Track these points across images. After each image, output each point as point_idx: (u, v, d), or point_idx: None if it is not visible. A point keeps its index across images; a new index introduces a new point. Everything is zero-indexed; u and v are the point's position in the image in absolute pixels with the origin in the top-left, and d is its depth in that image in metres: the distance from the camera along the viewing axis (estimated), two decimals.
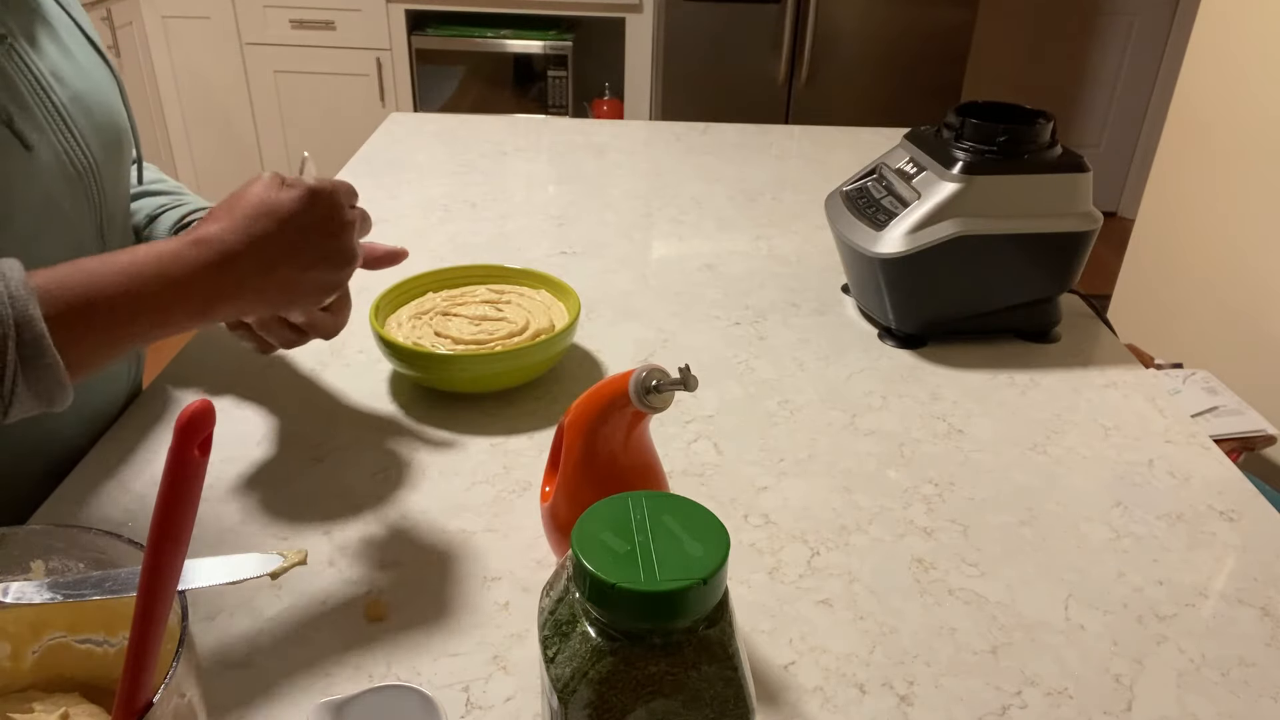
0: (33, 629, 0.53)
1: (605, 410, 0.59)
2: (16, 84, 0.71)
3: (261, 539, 0.71)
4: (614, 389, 0.58)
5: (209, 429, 0.40)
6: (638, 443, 0.61)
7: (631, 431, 0.60)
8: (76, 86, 0.77)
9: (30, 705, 0.50)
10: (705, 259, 1.21)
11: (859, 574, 0.70)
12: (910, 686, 0.61)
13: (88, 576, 0.49)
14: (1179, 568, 0.72)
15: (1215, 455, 0.86)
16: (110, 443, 0.82)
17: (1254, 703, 0.61)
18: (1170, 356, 1.95)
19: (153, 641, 0.41)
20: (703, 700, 0.42)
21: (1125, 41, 3.63)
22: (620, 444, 0.60)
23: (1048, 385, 0.96)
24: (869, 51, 2.85)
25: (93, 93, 0.78)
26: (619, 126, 1.79)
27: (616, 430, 0.59)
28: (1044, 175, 0.96)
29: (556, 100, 3.12)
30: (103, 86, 0.80)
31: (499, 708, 0.59)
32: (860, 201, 1.05)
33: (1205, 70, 2.00)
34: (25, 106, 0.71)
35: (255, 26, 2.96)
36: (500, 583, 0.68)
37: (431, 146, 1.59)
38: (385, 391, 0.90)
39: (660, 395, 0.56)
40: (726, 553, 0.42)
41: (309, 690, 0.59)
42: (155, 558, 0.41)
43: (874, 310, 1.05)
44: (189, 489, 0.41)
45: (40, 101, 0.73)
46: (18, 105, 0.70)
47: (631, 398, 0.57)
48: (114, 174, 0.81)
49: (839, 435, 0.87)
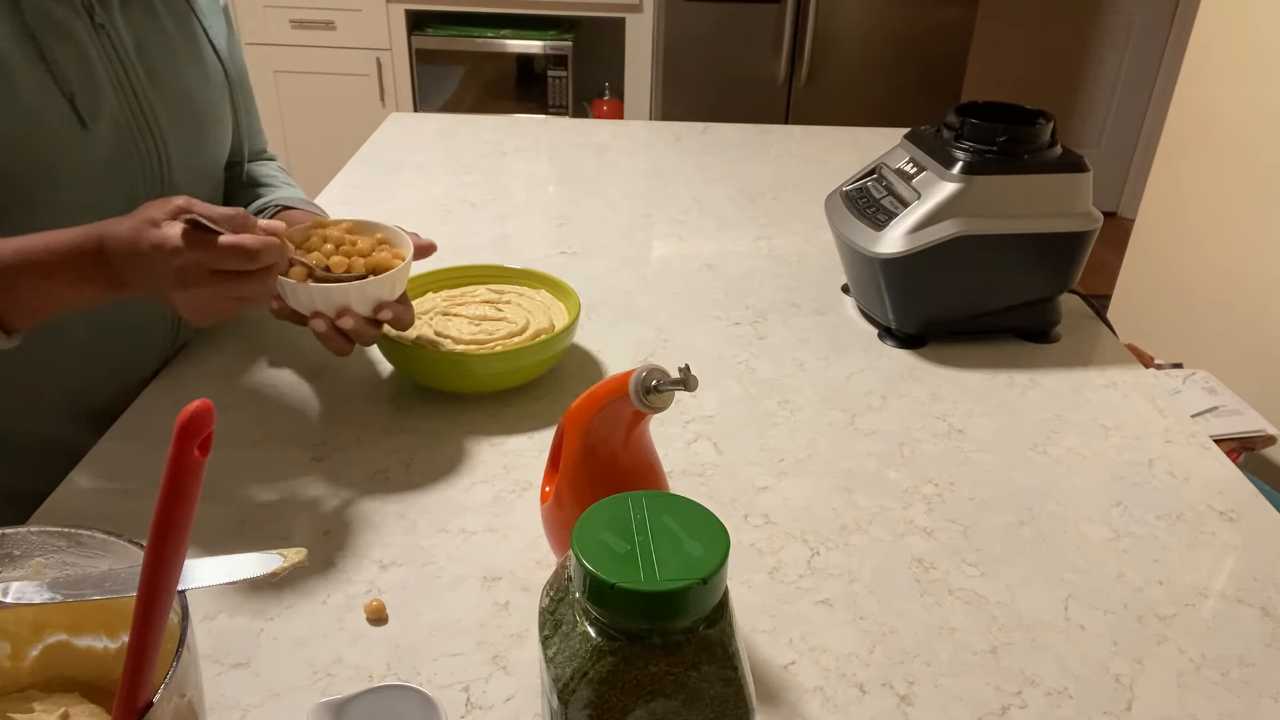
0: (33, 629, 0.53)
1: (605, 410, 0.59)
2: (95, 64, 0.78)
3: (261, 539, 0.71)
4: (614, 389, 0.58)
5: (209, 429, 0.40)
6: (638, 442, 0.61)
7: (631, 431, 0.59)
8: (155, 60, 0.83)
9: (30, 705, 0.50)
10: (705, 259, 1.21)
11: (859, 574, 0.70)
12: (910, 686, 0.61)
13: (87, 576, 0.49)
14: (1179, 568, 0.72)
15: (1215, 455, 0.86)
16: (110, 442, 0.82)
17: (1254, 703, 0.61)
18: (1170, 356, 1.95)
19: (153, 641, 0.41)
20: (703, 700, 0.42)
21: (1125, 41, 3.63)
22: (620, 444, 0.60)
23: (1048, 385, 0.96)
24: (869, 51, 2.85)
25: (174, 74, 0.85)
26: (619, 126, 1.79)
27: (616, 430, 0.59)
28: (1044, 175, 0.96)
29: (556, 100, 3.12)
30: (189, 69, 0.87)
31: (499, 708, 0.59)
32: (860, 201, 1.05)
33: (1205, 70, 2.00)
34: (96, 83, 0.78)
35: (255, 26, 2.96)
36: (500, 583, 0.68)
37: (431, 146, 1.59)
38: (385, 391, 0.90)
39: (660, 395, 0.56)
40: (726, 553, 0.42)
41: (309, 690, 0.59)
42: (155, 557, 0.41)
43: (874, 310, 1.05)
44: (188, 489, 0.41)
45: (115, 76, 0.80)
46: (88, 83, 0.77)
47: (631, 398, 0.57)
48: (186, 151, 0.86)
49: (839, 435, 0.87)
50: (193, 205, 0.69)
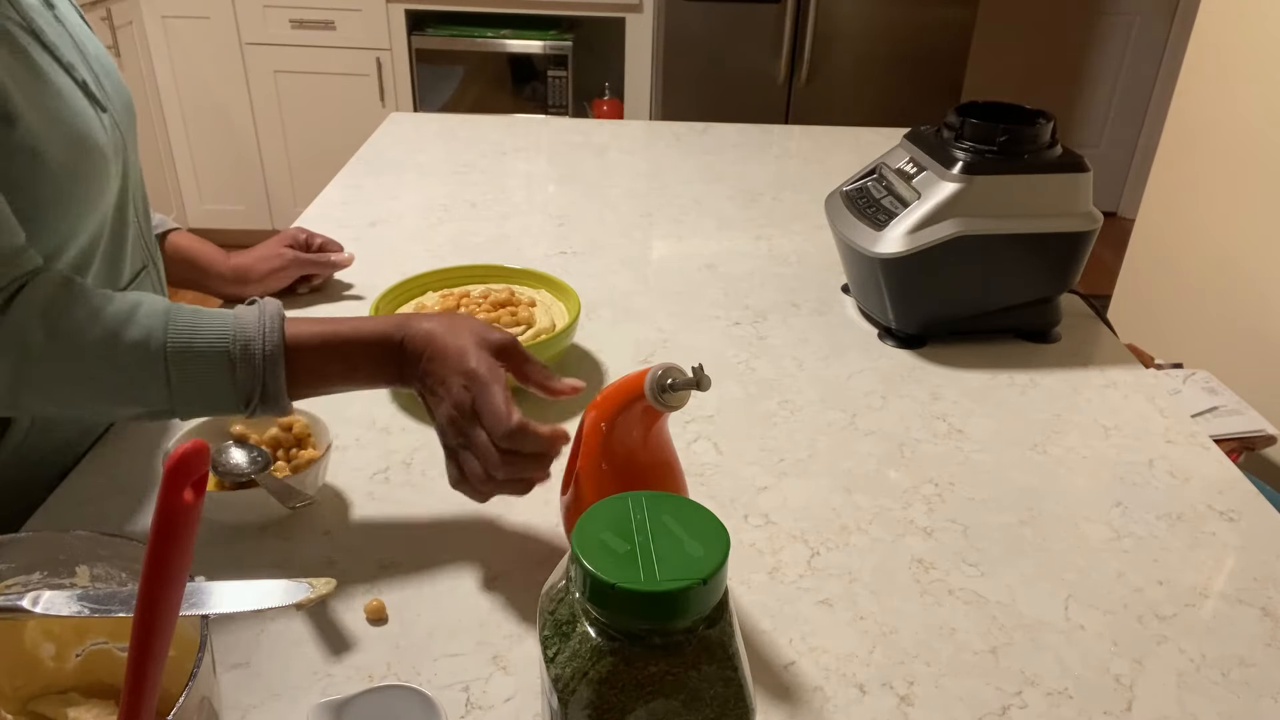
0: (76, 632, 0.53)
1: (624, 407, 0.60)
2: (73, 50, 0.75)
3: (261, 538, 0.71)
4: (632, 386, 0.59)
5: (202, 470, 0.37)
6: (656, 439, 0.62)
7: (649, 429, 0.60)
8: (96, 53, 0.80)
9: (65, 710, 0.51)
10: (705, 259, 1.21)
11: (859, 574, 0.70)
12: (910, 686, 0.61)
13: (116, 593, 0.50)
14: (1179, 568, 0.72)
15: (1215, 455, 0.86)
16: (110, 442, 0.82)
17: (1254, 703, 0.61)
18: (1170, 356, 1.95)
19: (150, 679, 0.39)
20: (703, 700, 0.42)
21: (1125, 41, 3.63)
22: (639, 441, 0.61)
23: (1048, 385, 0.96)
24: (869, 51, 2.85)
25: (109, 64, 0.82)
26: (619, 126, 1.79)
27: (634, 427, 0.60)
28: (1044, 175, 0.96)
29: (556, 100, 3.12)
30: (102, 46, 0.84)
31: (499, 708, 0.59)
32: (860, 201, 1.05)
33: (1205, 70, 2.00)
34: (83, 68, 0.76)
35: (255, 26, 2.96)
36: (500, 583, 0.68)
37: (431, 146, 1.59)
38: (385, 391, 0.90)
39: (675, 394, 0.57)
40: (726, 553, 0.42)
41: (309, 690, 0.59)
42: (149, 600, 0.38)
43: (874, 310, 1.05)
44: (179, 533, 0.37)
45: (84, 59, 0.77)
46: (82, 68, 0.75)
47: (647, 396, 0.57)
48: (129, 129, 0.83)
49: (839, 435, 0.87)
50: (517, 347, 0.69)
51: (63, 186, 0.70)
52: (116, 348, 0.64)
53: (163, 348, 0.65)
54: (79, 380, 0.65)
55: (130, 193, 0.82)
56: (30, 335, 0.63)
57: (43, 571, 0.51)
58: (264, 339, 0.66)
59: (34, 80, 0.69)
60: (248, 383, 0.66)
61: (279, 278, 1.02)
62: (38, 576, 0.51)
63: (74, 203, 0.72)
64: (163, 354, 0.64)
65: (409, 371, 0.68)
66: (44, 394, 0.65)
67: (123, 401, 0.66)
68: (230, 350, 0.65)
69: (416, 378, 0.68)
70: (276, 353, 0.66)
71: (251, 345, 0.66)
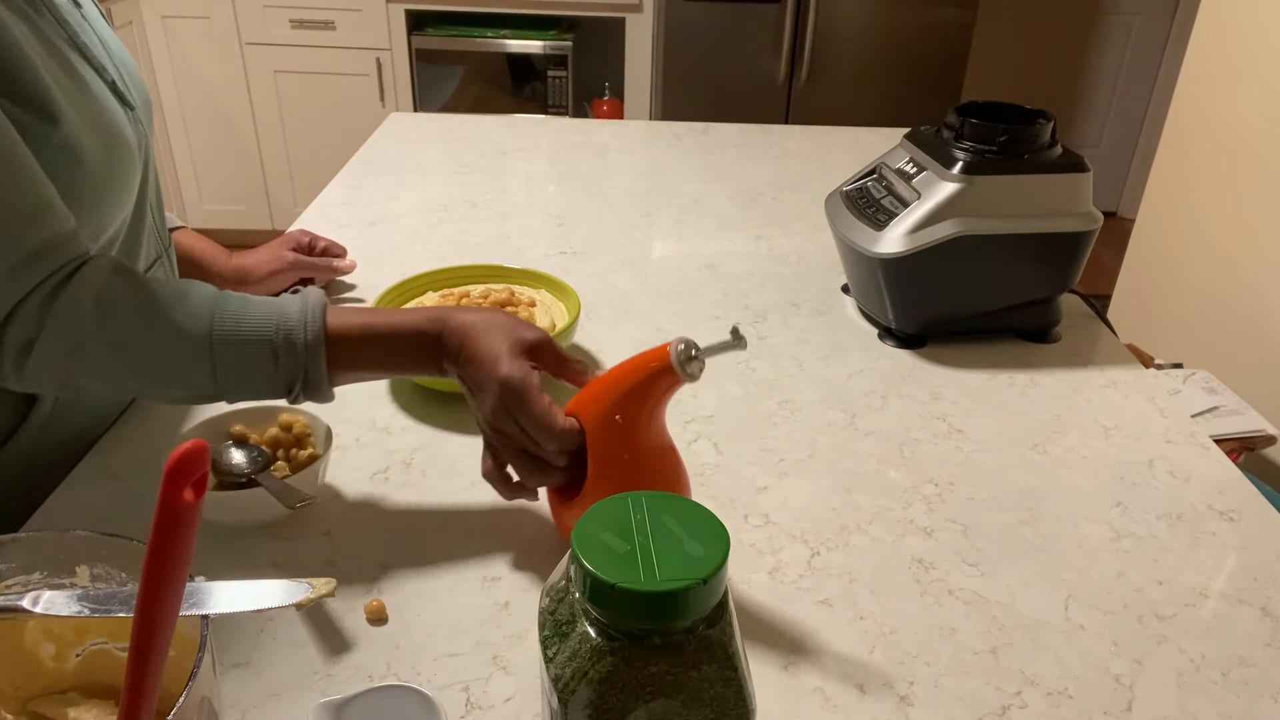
0: (76, 632, 0.53)
1: (640, 393, 0.62)
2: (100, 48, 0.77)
3: (261, 538, 0.71)
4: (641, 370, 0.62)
5: (202, 470, 0.37)
6: (662, 423, 0.65)
7: (660, 413, 0.64)
8: (118, 51, 0.82)
9: (65, 710, 0.51)
10: (705, 259, 1.21)
11: (859, 574, 0.70)
12: (910, 686, 0.61)
13: (116, 593, 0.50)
14: (1179, 568, 0.72)
15: (1215, 455, 0.86)
16: (110, 442, 0.82)
17: (1254, 703, 0.61)
18: (1170, 356, 1.95)
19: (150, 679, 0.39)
20: (703, 700, 0.42)
21: (1125, 41, 3.63)
22: (659, 425, 0.64)
23: (1048, 385, 0.96)
24: (869, 51, 2.85)
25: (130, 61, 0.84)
26: (619, 126, 1.79)
27: (652, 411, 0.63)
28: (1044, 175, 0.96)
29: (556, 100, 3.12)
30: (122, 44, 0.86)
31: (499, 708, 0.59)
32: (860, 201, 1.05)
33: (1205, 70, 2.00)
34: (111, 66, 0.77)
35: (255, 26, 2.96)
36: (500, 583, 0.68)
37: (431, 146, 1.59)
38: (385, 391, 0.90)
39: (697, 362, 0.61)
40: (726, 553, 0.42)
41: (309, 690, 0.59)
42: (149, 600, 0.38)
43: (874, 310, 1.05)
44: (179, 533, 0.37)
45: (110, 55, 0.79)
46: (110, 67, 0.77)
47: (674, 366, 0.60)
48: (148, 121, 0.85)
49: (839, 435, 0.87)
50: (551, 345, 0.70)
51: (98, 183, 0.72)
52: (165, 332, 0.66)
53: (209, 335, 0.67)
54: (129, 362, 0.67)
55: (148, 186, 0.84)
56: (84, 317, 0.65)
57: (43, 571, 0.51)
58: (306, 328, 0.68)
59: (71, 81, 0.71)
60: (290, 370, 0.68)
61: (278, 280, 1.03)
62: (38, 576, 0.51)
63: (106, 198, 0.74)
64: (208, 341, 0.67)
65: (448, 366, 0.70)
66: (95, 374, 0.67)
67: (171, 384, 0.69)
68: (273, 339, 0.67)
69: (455, 375, 0.70)
70: (318, 341, 0.68)
71: (294, 334, 0.68)
